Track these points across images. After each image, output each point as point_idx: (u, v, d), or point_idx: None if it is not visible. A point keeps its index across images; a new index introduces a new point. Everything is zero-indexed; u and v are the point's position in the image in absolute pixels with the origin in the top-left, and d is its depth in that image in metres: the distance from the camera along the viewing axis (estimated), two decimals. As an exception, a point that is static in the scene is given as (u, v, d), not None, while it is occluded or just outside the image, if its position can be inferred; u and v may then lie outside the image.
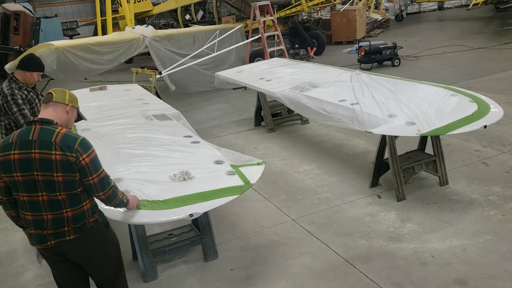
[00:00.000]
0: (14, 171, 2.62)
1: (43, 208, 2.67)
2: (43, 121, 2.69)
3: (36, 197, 2.65)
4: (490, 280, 3.56)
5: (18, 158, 2.61)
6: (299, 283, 3.75)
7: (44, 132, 2.64)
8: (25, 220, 2.76)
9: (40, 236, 2.73)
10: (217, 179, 3.63)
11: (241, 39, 11.58)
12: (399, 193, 4.87)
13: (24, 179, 2.62)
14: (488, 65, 10.67)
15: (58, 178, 2.62)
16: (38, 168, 2.60)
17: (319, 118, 5.55)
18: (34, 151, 2.60)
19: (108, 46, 9.54)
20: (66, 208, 2.69)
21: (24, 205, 2.70)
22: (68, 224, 2.71)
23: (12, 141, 2.64)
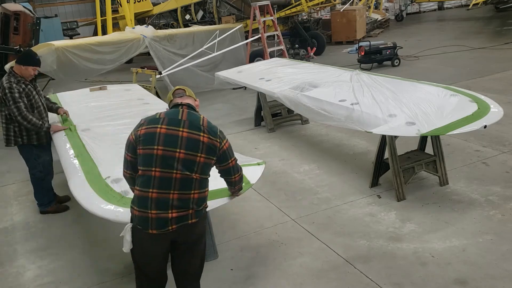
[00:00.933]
0: (157, 143, 2.70)
1: (173, 186, 2.70)
2: (190, 106, 2.91)
3: (170, 174, 2.69)
4: (490, 280, 3.56)
5: (165, 132, 2.72)
6: (299, 283, 3.75)
7: (192, 115, 2.83)
8: (144, 199, 2.72)
9: (162, 220, 2.70)
10: (217, 179, 3.62)
11: (241, 39, 11.58)
12: (399, 193, 4.87)
13: (164, 153, 2.69)
14: (488, 65, 10.67)
15: (200, 159, 2.74)
16: (184, 146, 2.70)
17: (319, 118, 5.55)
18: (183, 129, 2.73)
19: (108, 46, 9.54)
20: (195, 190, 2.77)
21: (151, 181, 2.71)
22: (193, 206, 2.77)
23: (160, 117, 2.79)
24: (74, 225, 5.00)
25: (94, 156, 4.14)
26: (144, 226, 2.73)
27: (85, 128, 4.92)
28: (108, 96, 6.56)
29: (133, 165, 2.82)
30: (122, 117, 5.28)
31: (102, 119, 5.28)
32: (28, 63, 4.84)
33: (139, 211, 2.74)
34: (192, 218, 2.78)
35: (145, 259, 2.91)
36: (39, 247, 4.67)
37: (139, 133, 2.76)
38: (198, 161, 2.74)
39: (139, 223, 2.75)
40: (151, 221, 2.70)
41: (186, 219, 2.76)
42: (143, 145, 2.72)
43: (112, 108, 5.72)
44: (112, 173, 3.66)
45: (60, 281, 4.08)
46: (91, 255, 4.43)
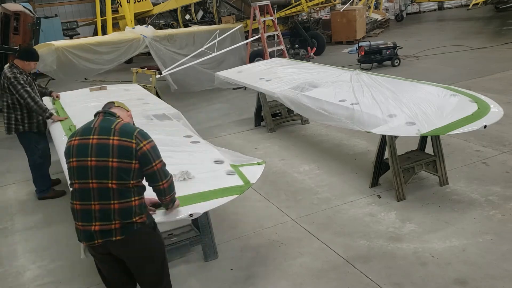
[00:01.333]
0: (72, 156, 2.70)
1: (92, 197, 2.64)
2: (107, 113, 2.80)
3: (87, 185, 2.64)
4: (490, 280, 3.56)
5: (77, 143, 2.69)
6: (299, 283, 3.75)
7: (106, 121, 2.73)
8: (73, 210, 2.74)
9: (88, 233, 2.68)
10: (217, 179, 3.63)
11: (241, 39, 11.58)
12: (399, 193, 4.87)
13: (78, 164, 2.66)
14: (488, 65, 10.67)
15: (113, 163, 2.61)
16: (94, 153, 2.63)
17: (319, 118, 5.55)
18: (93, 137, 2.66)
19: (108, 46, 9.54)
20: (114, 200, 2.63)
21: (74, 193, 2.72)
22: (115, 218, 2.64)
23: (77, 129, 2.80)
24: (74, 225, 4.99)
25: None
26: (77, 236, 2.79)
27: (85, 128, 4.91)
28: (108, 96, 6.55)
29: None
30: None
31: (102, 119, 5.27)
32: (30, 59, 5.39)
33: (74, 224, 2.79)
34: (117, 235, 2.65)
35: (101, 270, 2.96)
36: (39, 247, 4.67)
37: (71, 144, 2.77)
38: (111, 166, 2.60)
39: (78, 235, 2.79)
40: (79, 232, 2.73)
41: (109, 235, 2.65)
42: (66, 160, 2.76)
43: (112, 108, 5.71)
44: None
45: (60, 281, 4.08)
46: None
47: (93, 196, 2.63)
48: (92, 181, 2.62)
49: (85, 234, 2.68)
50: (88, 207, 2.64)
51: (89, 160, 2.61)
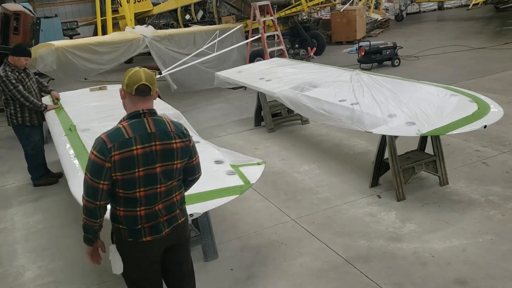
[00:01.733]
0: (138, 166, 2.53)
1: (159, 199, 2.64)
2: (151, 112, 2.67)
3: (155, 190, 2.61)
4: (490, 280, 3.56)
5: (141, 152, 2.53)
6: (299, 283, 3.75)
7: (159, 123, 2.64)
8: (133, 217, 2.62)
9: (155, 227, 2.65)
10: (217, 179, 3.64)
11: (241, 39, 11.57)
12: (399, 193, 4.87)
13: (146, 173, 2.56)
14: (488, 65, 10.67)
15: (177, 165, 2.66)
16: (159, 159, 2.58)
17: (319, 118, 5.55)
18: (156, 143, 2.57)
19: (108, 46, 9.53)
20: (176, 193, 2.72)
21: (138, 201, 2.60)
22: (178, 207, 2.74)
23: (129, 136, 2.52)
24: (74, 225, 4.99)
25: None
26: (137, 236, 2.65)
27: (85, 128, 4.92)
28: (108, 96, 6.56)
29: (109, 192, 2.58)
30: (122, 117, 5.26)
31: (102, 119, 5.28)
32: (21, 54, 5.62)
33: (129, 228, 2.64)
34: (180, 218, 2.77)
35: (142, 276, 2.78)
36: (39, 247, 4.67)
37: (114, 159, 2.48)
38: (175, 168, 2.65)
39: (130, 236, 2.65)
40: (143, 231, 2.64)
41: (175, 219, 2.74)
42: (122, 171, 2.51)
43: (112, 108, 5.71)
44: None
45: (60, 281, 4.09)
46: (91, 255, 4.43)
47: (160, 198, 2.64)
48: (160, 186, 2.62)
49: (152, 229, 2.65)
50: (154, 209, 2.64)
51: (157, 167, 2.58)
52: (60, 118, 5.49)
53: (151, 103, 2.69)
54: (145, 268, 2.76)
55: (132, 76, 2.58)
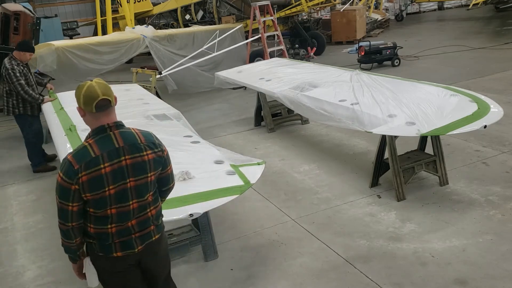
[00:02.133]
0: (107, 185, 2.42)
1: (132, 216, 2.53)
2: (117, 125, 2.53)
3: (127, 207, 2.50)
4: (490, 280, 3.56)
5: (110, 170, 2.42)
6: (299, 283, 3.75)
7: (126, 136, 2.51)
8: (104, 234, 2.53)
9: (127, 243, 2.55)
10: (217, 179, 3.63)
11: (241, 39, 11.57)
12: (399, 193, 4.87)
13: (116, 190, 2.45)
14: (488, 65, 10.67)
15: (151, 178, 2.54)
16: (131, 174, 2.47)
17: (319, 118, 5.55)
18: (125, 157, 2.46)
19: (108, 46, 9.54)
20: (150, 208, 2.60)
21: (109, 219, 2.50)
22: (153, 222, 2.62)
23: (96, 154, 2.41)
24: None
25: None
26: (107, 251, 2.55)
27: (85, 128, 4.87)
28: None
29: (80, 213, 2.48)
30: (122, 117, 5.18)
31: (102, 119, 5.27)
32: (26, 50, 6.21)
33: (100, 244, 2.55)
34: (155, 235, 2.64)
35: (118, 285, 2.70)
36: (39, 247, 4.67)
37: (82, 181, 2.37)
38: (149, 181, 2.54)
39: (101, 250, 2.56)
40: (114, 246, 2.54)
41: (149, 237, 2.61)
42: (91, 192, 2.41)
43: (112, 108, 5.71)
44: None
45: (60, 281, 4.08)
46: (91, 255, 4.43)
47: (132, 215, 2.53)
48: (132, 202, 2.51)
49: (123, 245, 2.55)
50: (126, 225, 2.54)
51: (128, 182, 2.47)
52: (60, 118, 5.48)
53: (114, 115, 2.55)
54: (120, 279, 2.67)
55: (88, 94, 2.45)
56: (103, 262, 2.60)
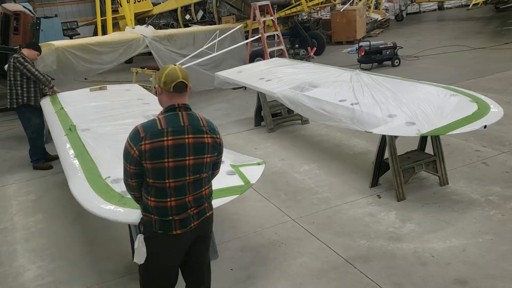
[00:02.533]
0: (167, 157, 2.65)
1: (188, 191, 2.74)
2: (186, 107, 2.80)
3: (183, 181, 2.72)
4: (490, 280, 3.56)
5: (172, 144, 2.65)
6: (299, 283, 3.75)
7: (192, 118, 2.78)
8: (163, 209, 2.72)
9: (185, 220, 2.75)
10: (217, 179, 3.62)
11: (241, 39, 11.58)
12: (399, 193, 4.87)
13: (176, 164, 2.67)
14: (488, 65, 10.67)
15: (207, 159, 2.78)
16: (192, 152, 2.70)
17: (319, 118, 5.55)
18: (188, 136, 2.70)
19: (108, 46, 9.55)
20: (205, 186, 2.83)
21: (167, 192, 2.70)
22: (206, 200, 2.86)
23: (162, 127, 2.67)
24: (74, 225, 5.00)
25: (94, 156, 4.14)
26: (167, 229, 2.74)
27: (85, 128, 4.92)
28: (108, 96, 6.56)
29: (138, 174, 2.73)
30: (122, 117, 5.27)
31: (102, 119, 5.28)
32: (35, 48, 6.62)
33: (160, 219, 2.74)
34: (209, 211, 2.89)
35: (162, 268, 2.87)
36: (39, 247, 4.67)
37: (144, 149, 2.63)
38: (205, 162, 2.78)
39: (161, 228, 2.74)
40: (174, 223, 2.73)
41: (204, 212, 2.85)
42: (151, 160, 2.64)
43: (112, 108, 5.72)
44: (112, 173, 3.66)
45: (60, 281, 4.08)
46: (91, 255, 4.43)
47: (188, 190, 2.74)
48: (189, 178, 2.72)
49: (182, 222, 2.75)
50: (184, 201, 2.74)
51: (187, 159, 2.69)
52: (60, 118, 5.49)
53: (186, 99, 2.83)
54: (165, 262, 2.85)
55: (170, 74, 2.72)
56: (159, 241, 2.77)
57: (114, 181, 3.56)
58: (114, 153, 4.05)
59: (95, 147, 4.36)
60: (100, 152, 4.24)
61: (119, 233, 4.52)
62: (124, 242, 4.31)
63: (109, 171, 3.73)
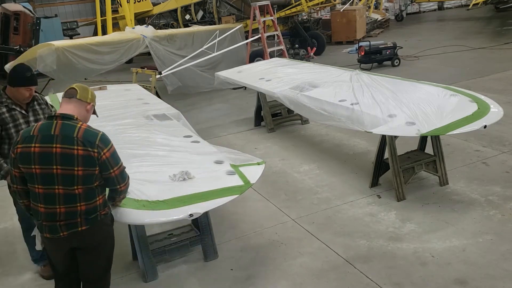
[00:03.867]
0: (33, 163, 2.72)
1: (57, 202, 2.76)
2: (64, 117, 2.79)
3: (52, 190, 2.75)
4: (490, 280, 3.56)
5: (38, 151, 2.72)
6: (299, 283, 3.75)
7: (66, 128, 2.75)
8: (35, 212, 2.85)
9: (53, 227, 2.82)
10: (217, 179, 3.63)
11: (240, 39, 11.57)
12: (399, 193, 4.87)
13: (42, 172, 2.72)
14: (488, 65, 10.67)
15: (78, 172, 2.73)
16: (59, 162, 2.71)
17: (319, 118, 5.55)
18: (56, 145, 2.71)
19: (108, 46, 9.53)
20: (80, 202, 2.79)
21: (38, 197, 2.79)
22: (81, 217, 2.81)
23: (34, 134, 2.75)
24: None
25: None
26: (41, 230, 2.88)
27: (85, 128, 4.91)
28: (108, 96, 6.56)
29: (23, 179, 2.83)
30: (122, 117, 5.27)
31: (102, 119, 5.26)
32: (17, 84, 3.67)
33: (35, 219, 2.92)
34: (82, 226, 2.83)
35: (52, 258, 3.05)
36: (39, 247, 4.66)
37: (16, 152, 2.77)
38: (76, 175, 2.73)
39: (38, 227, 2.93)
40: (43, 227, 2.85)
41: (75, 226, 2.82)
42: (22, 164, 2.76)
43: (112, 108, 5.71)
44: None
45: (60, 281, 4.08)
46: (91, 255, 4.42)
47: (58, 200, 2.77)
48: (58, 187, 2.75)
49: (51, 228, 2.83)
50: (54, 210, 2.79)
51: (54, 168, 2.72)
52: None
53: (70, 108, 2.86)
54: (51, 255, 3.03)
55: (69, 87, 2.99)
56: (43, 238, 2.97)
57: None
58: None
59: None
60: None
61: (119, 233, 4.50)
62: (124, 242, 4.31)
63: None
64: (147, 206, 3.23)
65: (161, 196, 3.33)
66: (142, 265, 3.91)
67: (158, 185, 3.49)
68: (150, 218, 3.22)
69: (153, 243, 4.10)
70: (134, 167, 3.74)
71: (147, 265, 3.91)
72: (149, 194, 3.34)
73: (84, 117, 2.94)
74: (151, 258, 3.92)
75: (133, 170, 3.69)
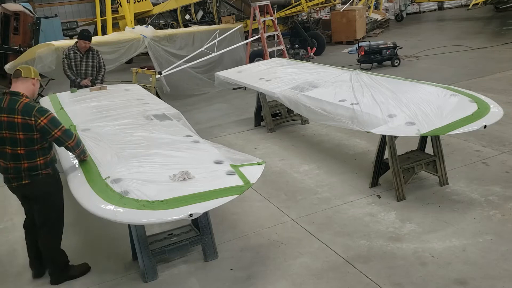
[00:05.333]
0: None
1: (8, 159, 3.64)
2: (12, 93, 3.64)
3: (4, 149, 3.63)
4: (490, 280, 3.56)
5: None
6: (299, 283, 3.75)
7: (12, 101, 3.60)
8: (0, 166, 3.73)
9: (6, 179, 3.74)
10: (217, 179, 3.63)
11: (240, 40, 11.57)
12: (399, 193, 4.87)
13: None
14: (488, 65, 10.67)
15: (19, 136, 3.58)
16: (5, 128, 3.57)
17: (319, 118, 5.55)
18: (3, 115, 3.57)
19: (108, 46, 9.54)
20: (23, 160, 3.63)
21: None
22: (24, 173, 3.65)
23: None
24: (74, 225, 4.99)
25: (94, 156, 4.13)
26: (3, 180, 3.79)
27: (85, 128, 4.91)
28: (108, 96, 6.55)
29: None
30: (122, 117, 5.27)
31: (102, 119, 5.27)
32: (79, 38, 7.17)
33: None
34: (25, 180, 3.66)
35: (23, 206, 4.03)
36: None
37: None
38: (18, 138, 3.57)
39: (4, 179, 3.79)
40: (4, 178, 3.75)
41: (20, 180, 3.67)
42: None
43: (112, 108, 5.71)
44: (112, 173, 3.66)
45: (60, 281, 4.08)
46: (91, 255, 4.43)
47: (8, 158, 3.64)
48: (7, 147, 3.61)
49: (5, 179, 3.74)
50: (6, 165, 3.67)
51: (4, 133, 3.57)
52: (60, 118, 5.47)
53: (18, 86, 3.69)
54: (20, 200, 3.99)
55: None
56: None
57: (114, 181, 3.56)
58: (114, 153, 4.05)
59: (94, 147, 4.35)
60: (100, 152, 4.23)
61: (119, 233, 4.52)
62: (123, 241, 4.31)
63: (109, 171, 3.73)
64: (147, 206, 3.23)
65: (161, 196, 3.32)
66: (142, 265, 3.91)
67: (158, 185, 3.49)
68: (150, 218, 3.22)
69: (153, 243, 4.10)
70: (134, 167, 3.75)
71: (147, 265, 3.91)
72: (149, 194, 3.33)
73: (32, 90, 3.78)
74: (151, 258, 3.92)
75: (133, 170, 3.70)
